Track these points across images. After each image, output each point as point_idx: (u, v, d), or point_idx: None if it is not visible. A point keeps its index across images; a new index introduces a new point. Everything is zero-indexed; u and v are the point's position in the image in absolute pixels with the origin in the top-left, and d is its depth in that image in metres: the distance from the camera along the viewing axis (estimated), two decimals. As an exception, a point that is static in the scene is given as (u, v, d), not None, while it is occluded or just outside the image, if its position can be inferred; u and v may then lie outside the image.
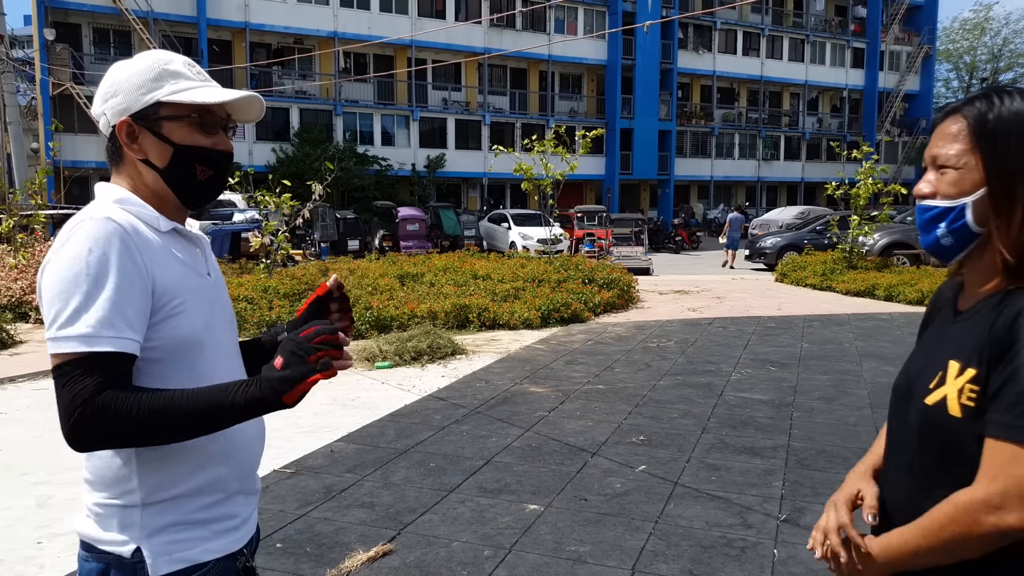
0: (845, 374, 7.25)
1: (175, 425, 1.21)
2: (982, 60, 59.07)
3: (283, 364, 1.21)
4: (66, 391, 1.18)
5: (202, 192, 1.41)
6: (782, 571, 3.38)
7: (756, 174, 43.72)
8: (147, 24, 27.80)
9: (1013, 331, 1.11)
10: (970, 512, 1.10)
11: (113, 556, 1.30)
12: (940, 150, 1.23)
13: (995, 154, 1.17)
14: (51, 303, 1.23)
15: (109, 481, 1.31)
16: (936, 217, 1.23)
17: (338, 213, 24.52)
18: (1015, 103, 1.19)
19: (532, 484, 4.41)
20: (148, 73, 1.35)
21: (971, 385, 1.15)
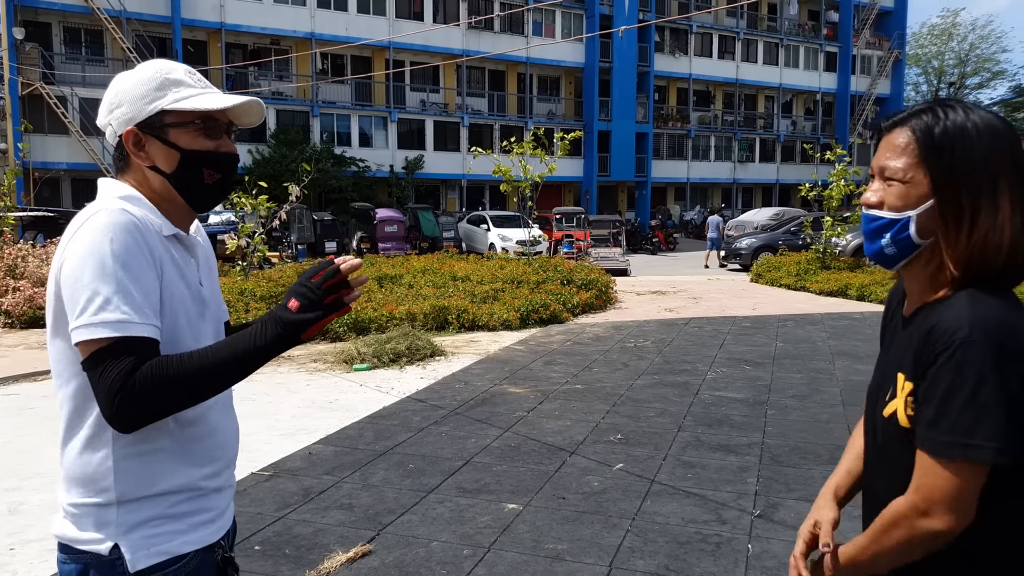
0: (818, 372, 7.36)
1: (212, 379, 1.26)
2: (950, 65, 60.07)
3: (299, 307, 1.28)
4: (105, 376, 1.21)
5: (210, 195, 1.46)
6: (756, 565, 3.44)
7: (732, 176, 44.11)
8: (119, 24, 27.49)
9: (928, 346, 1.15)
10: (904, 518, 1.17)
11: (91, 555, 1.32)
12: (888, 162, 1.25)
13: (941, 168, 1.19)
14: (78, 292, 1.25)
15: (85, 480, 1.32)
16: (882, 228, 1.26)
17: (315, 215, 24.42)
18: (959, 117, 1.21)
19: (511, 484, 4.44)
20: (151, 83, 1.39)
21: (911, 398, 1.20)
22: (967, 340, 1.11)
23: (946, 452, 1.11)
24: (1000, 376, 1.09)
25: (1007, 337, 1.11)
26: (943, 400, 1.12)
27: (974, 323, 1.12)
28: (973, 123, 1.20)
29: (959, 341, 1.11)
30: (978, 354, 1.10)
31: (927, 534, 1.15)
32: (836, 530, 1.40)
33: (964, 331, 1.11)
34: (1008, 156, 1.19)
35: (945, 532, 1.13)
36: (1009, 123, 1.23)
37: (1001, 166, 1.18)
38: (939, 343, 1.13)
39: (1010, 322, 1.13)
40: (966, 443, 1.10)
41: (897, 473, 1.24)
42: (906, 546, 1.18)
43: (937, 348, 1.13)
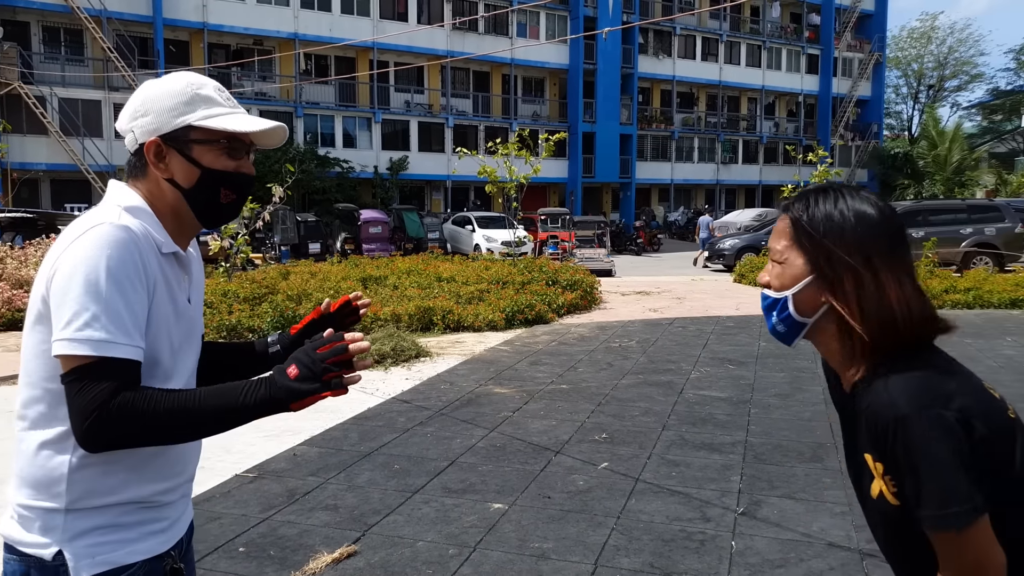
0: (801, 371, 7.42)
1: (188, 425, 1.24)
2: (929, 68, 60.69)
3: (298, 376, 1.26)
4: (81, 394, 1.19)
5: (222, 214, 1.46)
6: (740, 562, 3.47)
7: (715, 177, 44.36)
8: (100, 23, 27.24)
9: (875, 435, 1.19)
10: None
11: (34, 559, 1.29)
12: (773, 243, 1.34)
13: (811, 248, 1.27)
14: (66, 304, 1.23)
15: (37, 482, 1.30)
16: (770, 306, 1.34)
17: (299, 216, 24.31)
18: (826, 204, 1.28)
19: (496, 483, 4.45)
20: (181, 96, 1.38)
21: (888, 477, 1.22)
22: (900, 420, 1.15)
23: (941, 527, 1.15)
24: (939, 443, 1.13)
25: (928, 403, 1.15)
26: (912, 479, 1.16)
27: (898, 401, 1.16)
28: (841, 209, 1.27)
29: (896, 422, 1.15)
30: (914, 432, 1.14)
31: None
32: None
33: (894, 410, 1.16)
34: (882, 236, 1.24)
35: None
36: (888, 210, 1.28)
37: (874, 244, 1.24)
38: (880, 428, 1.18)
39: (926, 384, 1.17)
40: (945, 514, 1.13)
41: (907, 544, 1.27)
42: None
43: (881, 434, 1.18)
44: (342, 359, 1.28)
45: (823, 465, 4.76)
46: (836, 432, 5.42)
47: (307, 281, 11.61)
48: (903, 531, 1.25)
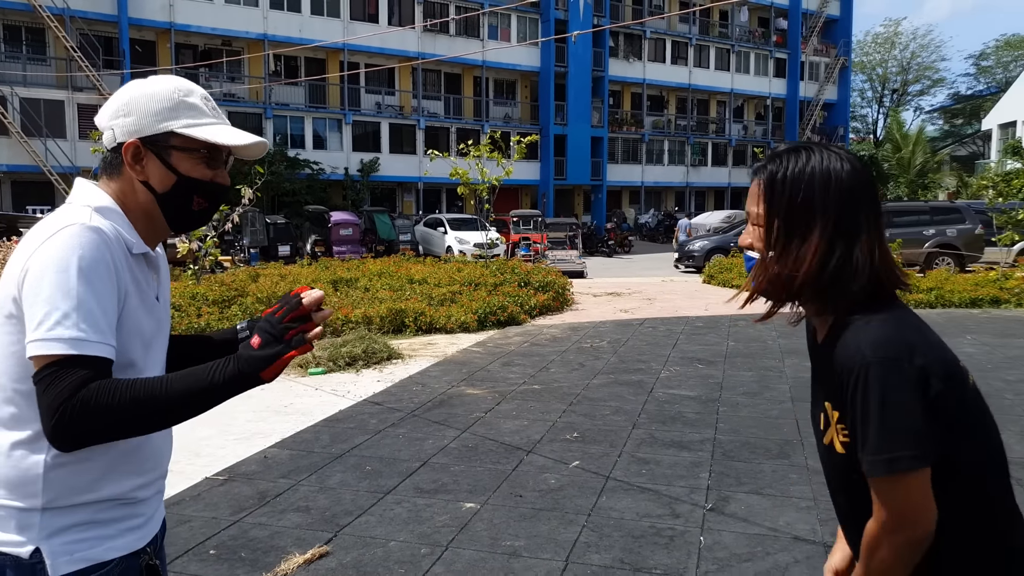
0: (768, 370, 7.54)
1: (158, 412, 1.23)
2: (893, 72, 61.89)
3: (260, 343, 1.26)
4: (50, 390, 1.18)
5: (193, 220, 1.46)
6: (708, 556, 3.53)
7: (685, 180, 44.77)
8: (63, 22, 26.77)
9: (838, 380, 1.26)
10: (880, 540, 1.25)
11: (10, 557, 1.29)
12: (749, 207, 1.40)
13: (780, 208, 1.33)
14: (37, 304, 1.23)
15: (12, 482, 1.29)
16: None
17: (268, 218, 24.09)
18: (794, 164, 1.33)
19: (468, 483, 4.47)
20: (167, 101, 1.39)
21: (840, 425, 1.29)
22: (864, 364, 1.21)
23: (882, 471, 1.20)
24: (897, 388, 1.19)
25: (894, 351, 1.21)
26: (863, 424, 1.21)
27: (863, 345, 1.22)
28: (812, 167, 1.32)
29: (859, 365, 1.21)
30: (876, 373, 1.20)
31: (907, 544, 1.22)
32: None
33: (859, 355, 1.21)
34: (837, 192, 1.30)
35: (922, 536, 1.22)
36: (854, 164, 1.33)
37: (838, 201, 1.29)
38: (844, 371, 1.24)
39: (899, 335, 1.23)
40: (890, 458, 1.18)
41: (850, 492, 1.33)
42: (896, 561, 1.25)
43: (844, 377, 1.24)
44: (299, 314, 1.28)
45: (790, 461, 4.85)
46: (803, 429, 5.53)
47: (277, 283, 11.53)
48: (847, 480, 1.31)
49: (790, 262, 1.31)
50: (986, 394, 5.04)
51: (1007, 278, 13.80)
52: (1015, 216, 14.39)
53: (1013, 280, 13.68)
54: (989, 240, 16.80)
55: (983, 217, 18.09)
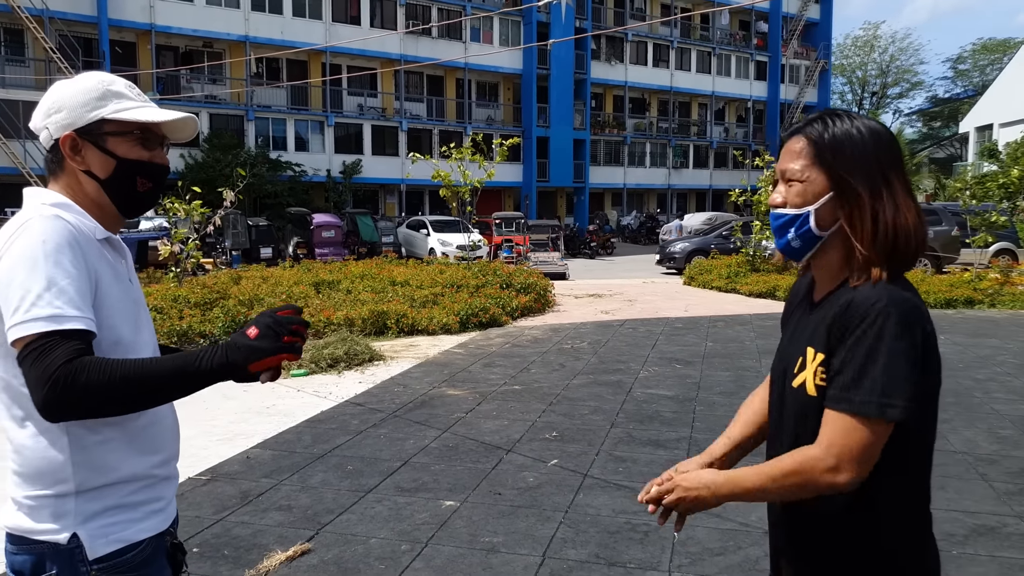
0: (745, 370, 7.67)
1: (146, 391, 1.27)
2: (872, 75, 62.63)
3: (258, 335, 1.31)
4: (38, 363, 1.22)
5: (140, 202, 1.53)
6: (681, 551, 3.63)
7: (667, 182, 45.05)
8: (42, 23, 26.56)
9: (844, 320, 1.31)
10: (810, 468, 1.30)
11: (48, 544, 1.36)
12: (788, 165, 1.41)
13: (836, 164, 1.36)
14: (11, 293, 1.28)
15: (42, 473, 1.36)
16: (786, 224, 1.42)
17: (250, 220, 24.02)
18: (846, 123, 1.39)
19: (448, 482, 4.55)
20: (93, 92, 1.45)
21: (821, 368, 1.35)
22: (884, 311, 1.27)
23: (864, 410, 1.26)
24: (910, 344, 1.26)
25: (911, 313, 1.28)
26: (863, 364, 1.26)
27: (889, 298, 1.28)
28: (857, 128, 1.37)
29: (878, 311, 1.27)
30: (892, 324, 1.26)
31: (828, 485, 1.29)
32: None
33: (882, 303, 1.27)
34: (895, 154, 1.37)
35: (845, 485, 1.28)
36: (888, 129, 1.41)
37: (889, 162, 1.36)
38: (858, 314, 1.29)
39: (912, 301, 1.31)
40: (883, 402, 1.25)
41: (803, 431, 1.38)
42: (798, 490, 1.32)
43: (856, 318, 1.29)
44: (299, 329, 1.35)
45: (763, 459, 4.95)
46: (776, 427, 5.65)
47: (259, 286, 11.55)
48: (806, 420, 1.37)
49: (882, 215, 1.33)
50: (956, 392, 5.29)
51: (981, 279, 14.06)
52: (988, 218, 14.66)
53: (987, 281, 13.94)
54: (964, 242, 17.08)
55: (959, 219, 18.37)
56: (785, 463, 1.34)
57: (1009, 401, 6.40)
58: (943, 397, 1.52)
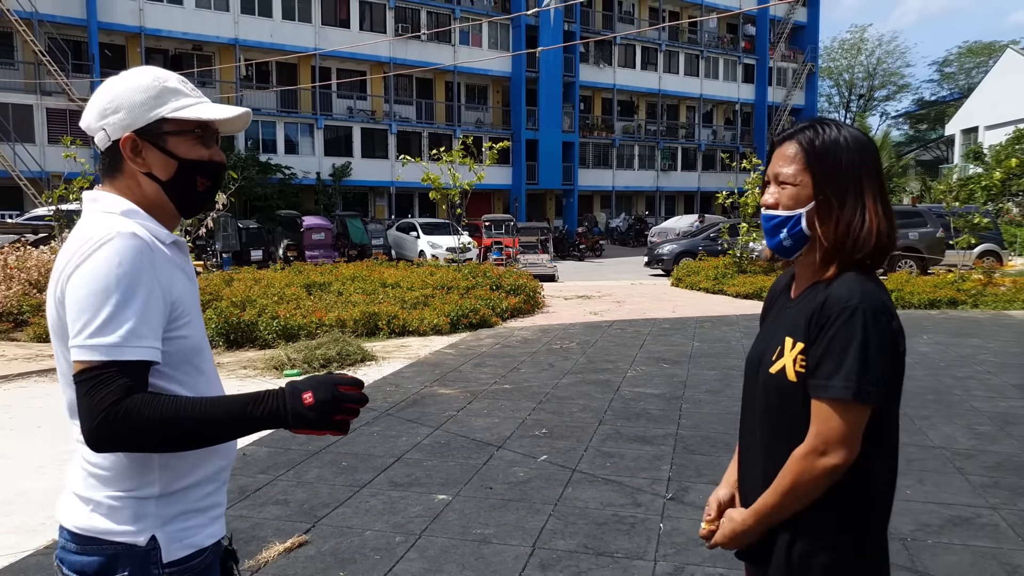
0: (731, 369, 7.82)
1: (193, 433, 1.28)
2: (859, 78, 63.16)
3: (311, 405, 1.30)
4: (90, 395, 1.23)
5: (200, 201, 1.52)
6: (667, 541, 3.76)
7: (655, 184, 45.31)
8: (31, 26, 26.51)
9: (821, 314, 1.45)
10: (805, 459, 1.43)
11: (123, 546, 1.36)
12: (781, 168, 1.53)
13: (822, 172, 1.50)
14: (80, 311, 1.28)
15: (128, 473, 1.37)
16: (779, 224, 1.54)
17: (240, 223, 24.05)
18: (834, 132, 1.53)
19: (441, 477, 4.66)
20: (150, 91, 1.42)
21: (801, 356, 1.48)
22: (857, 306, 1.41)
23: (842, 395, 1.39)
24: (879, 336, 1.40)
25: (879, 308, 1.42)
26: (839, 354, 1.40)
27: (861, 294, 1.42)
28: (844, 137, 1.51)
29: (852, 306, 1.41)
30: (864, 317, 1.40)
31: (825, 470, 1.40)
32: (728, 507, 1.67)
33: (855, 299, 1.41)
34: (872, 163, 1.52)
35: (840, 466, 1.40)
36: (871, 139, 1.55)
37: (866, 170, 1.50)
38: (834, 310, 1.42)
39: (881, 298, 1.44)
40: (858, 388, 1.38)
41: (783, 416, 1.50)
42: (806, 487, 1.43)
43: (832, 314, 1.42)
44: (355, 407, 1.34)
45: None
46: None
47: (251, 288, 11.62)
48: (787, 405, 1.49)
49: (841, 221, 1.47)
50: (937, 390, 5.49)
51: (964, 280, 14.28)
52: (972, 220, 14.89)
53: (970, 282, 14.16)
54: (948, 243, 17.31)
55: (943, 221, 18.61)
56: (786, 468, 1.46)
57: (988, 398, 6.56)
58: (924, 395, 1.66)
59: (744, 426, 1.67)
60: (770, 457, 1.53)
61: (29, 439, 5.67)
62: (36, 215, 19.93)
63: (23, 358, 8.62)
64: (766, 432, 1.56)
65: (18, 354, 8.85)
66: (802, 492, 1.44)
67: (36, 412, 6.44)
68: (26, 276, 11.09)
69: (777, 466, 1.49)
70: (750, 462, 1.62)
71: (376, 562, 3.52)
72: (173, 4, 30.06)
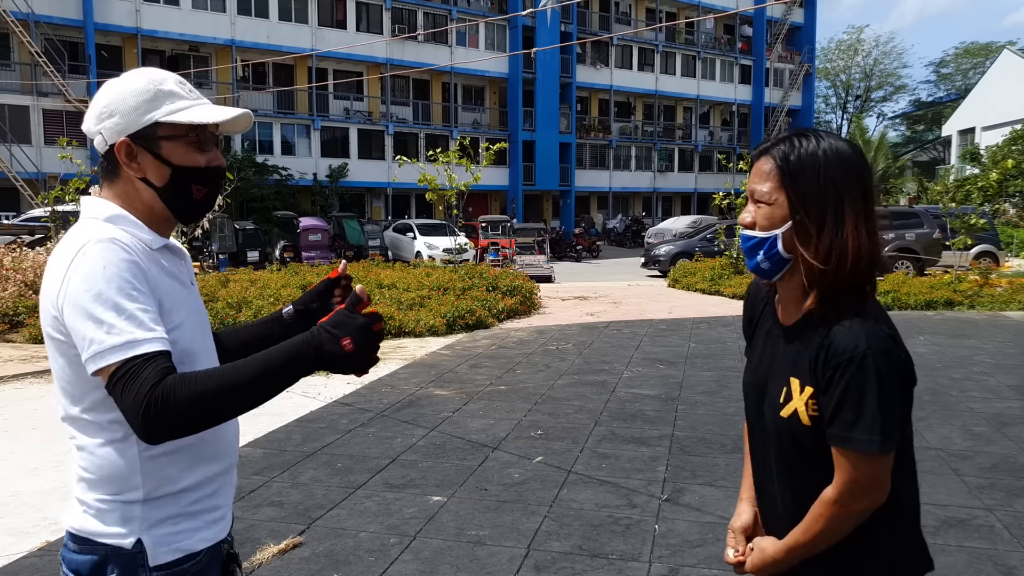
0: (727, 370, 7.82)
1: (239, 397, 1.27)
2: (856, 79, 63.28)
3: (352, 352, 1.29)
4: (128, 391, 1.22)
5: (196, 209, 1.49)
6: (662, 543, 3.75)
7: (652, 185, 45.35)
8: (27, 27, 26.47)
9: (828, 363, 1.38)
10: (835, 505, 1.40)
11: (112, 547, 1.37)
12: (756, 186, 1.43)
13: (795, 190, 1.41)
14: (82, 325, 1.28)
15: (112, 479, 1.37)
16: (755, 246, 1.44)
17: (237, 224, 24.01)
18: (812, 145, 1.39)
19: (436, 478, 4.66)
20: (145, 94, 1.40)
21: (812, 401, 1.42)
22: (865, 351, 1.33)
23: (868, 448, 1.34)
24: (891, 377, 1.34)
25: (889, 347, 1.35)
26: (858, 405, 1.34)
27: (867, 338, 1.34)
28: (824, 150, 1.38)
29: (861, 353, 1.33)
30: (876, 364, 1.33)
31: (859, 513, 1.39)
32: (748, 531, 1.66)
33: (862, 344, 1.34)
34: (855, 178, 1.40)
35: (872, 508, 1.38)
36: (859, 150, 1.44)
37: (847, 188, 1.39)
38: (843, 359, 1.35)
39: (887, 333, 1.37)
40: (883, 439, 1.34)
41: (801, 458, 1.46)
42: (839, 528, 1.41)
43: (841, 363, 1.35)
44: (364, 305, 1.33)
45: (743, 456, 5.08)
46: (756, 424, 5.79)
47: (247, 289, 11.60)
48: (803, 447, 1.45)
49: (821, 244, 1.37)
50: (933, 391, 5.48)
51: (961, 281, 14.30)
52: (968, 220, 14.91)
53: (966, 283, 14.18)
54: (945, 244, 17.33)
55: (940, 222, 18.63)
56: (814, 510, 1.43)
57: (984, 400, 6.57)
58: (920, 396, 1.64)
59: (755, 454, 1.62)
60: (792, 494, 1.50)
61: (24, 441, 5.66)
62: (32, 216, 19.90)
63: (18, 359, 8.60)
64: (783, 471, 1.52)
65: (13, 355, 8.83)
66: (836, 533, 1.42)
67: (31, 414, 6.42)
68: (22, 277, 11.06)
69: (798, 503, 1.47)
70: (768, 493, 1.58)
71: (371, 564, 3.51)
72: (169, 5, 30.05)
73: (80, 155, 13.94)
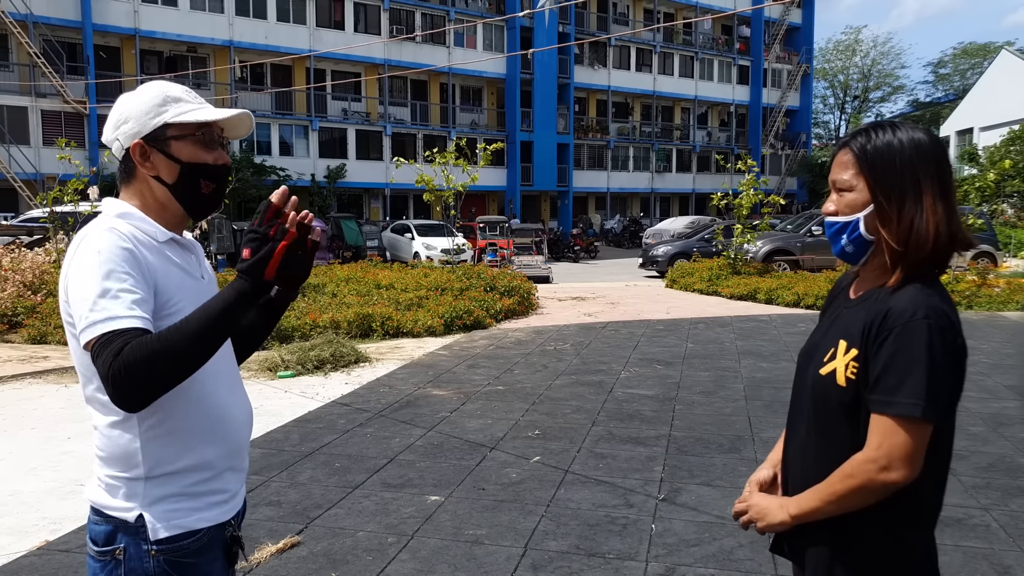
0: (725, 370, 7.83)
1: (189, 345, 1.35)
2: (854, 79, 63.34)
3: (251, 252, 1.41)
4: (102, 364, 1.34)
5: (206, 204, 1.63)
6: (658, 542, 3.77)
7: (650, 185, 45.39)
8: (26, 28, 26.46)
9: (882, 327, 1.43)
10: (864, 470, 1.41)
11: (120, 520, 1.50)
12: (838, 176, 1.54)
13: (874, 176, 1.50)
14: (75, 304, 1.42)
15: (118, 457, 1.50)
16: (839, 231, 1.54)
17: (235, 225, 24.00)
18: (888, 135, 1.50)
19: (434, 478, 4.67)
20: (154, 100, 1.57)
21: (854, 362, 1.47)
22: (922, 321, 1.39)
23: (909, 411, 1.37)
24: (944, 355, 1.38)
25: (944, 321, 1.40)
26: (903, 371, 1.38)
27: (927, 309, 1.40)
28: (899, 138, 1.48)
29: (917, 321, 1.39)
30: (930, 335, 1.38)
31: (885, 484, 1.39)
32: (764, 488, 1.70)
33: (920, 313, 1.39)
34: (931, 161, 1.47)
35: (900, 483, 1.39)
36: (935, 136, 1.53)
37: (924, 169, 1.47)
38: (898, 323, 1.40)
39: (945, 310, 1.42)
40: (924, 405, 1.36)
41: (831, 419, 1.50)
42: (860, 495, 1.42)
43: (895, 328, 1.40)
44: (272, 213, 1.43)
45: (740, 455, 5.11)
46: (753, 426, 5.81)
47: (245, 290, 11.59)
48: (835, 407, 1.50)
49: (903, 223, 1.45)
50: None
51: (958, 281, 14.32)
52: (966, 221, 14.91)
53: (964, 283, 14.20)
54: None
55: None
56: (841, 470, 1.45)
57: (981, 400, 6.59)
58: None
59: (792, 415, 1.68)
60: (814, 455, 1.54)
61: (23, 440, 5.66)
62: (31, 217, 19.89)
63: (17, 360, 8.60)
64: (811, 430, 1.56)
65: (12, 356, 8.83)
66: (853, 501, 1.43)
67: (30, 414, 6.42)
68: (20, 278, 11.06)
69: (819, 465, 1.50)
70: (793, 453, 1.64)
71: (368, 563, 3.52)
72: (168, 6, 30.05)
73: (78, 156, 13.92)
